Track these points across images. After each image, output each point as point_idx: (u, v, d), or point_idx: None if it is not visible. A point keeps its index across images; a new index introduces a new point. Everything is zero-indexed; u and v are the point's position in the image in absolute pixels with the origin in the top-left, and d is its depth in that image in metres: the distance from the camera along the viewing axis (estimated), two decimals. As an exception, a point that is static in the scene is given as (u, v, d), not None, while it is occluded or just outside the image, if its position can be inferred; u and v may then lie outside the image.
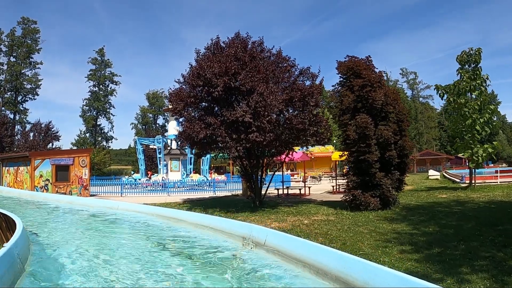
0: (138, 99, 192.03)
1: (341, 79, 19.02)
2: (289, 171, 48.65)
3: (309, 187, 28.58)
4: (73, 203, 11.90)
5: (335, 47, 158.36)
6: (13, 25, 76.42)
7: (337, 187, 28.40)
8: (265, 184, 21.31)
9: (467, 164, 29.77)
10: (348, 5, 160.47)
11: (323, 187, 35.49)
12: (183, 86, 19.14)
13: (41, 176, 26.67)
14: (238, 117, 16.12)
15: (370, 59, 18.99)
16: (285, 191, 27.07)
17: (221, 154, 20.60)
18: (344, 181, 18.84)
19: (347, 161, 18.28)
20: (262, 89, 16.63)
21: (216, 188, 31.23)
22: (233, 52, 17.67)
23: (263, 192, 20.77)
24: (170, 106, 43.15)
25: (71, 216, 10.29)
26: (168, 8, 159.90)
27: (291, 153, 21.06)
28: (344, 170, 21.38)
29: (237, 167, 69.05)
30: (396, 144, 17.72)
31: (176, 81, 19.27)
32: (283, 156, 21.20)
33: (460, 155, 44.22)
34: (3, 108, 67.78)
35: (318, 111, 20.84)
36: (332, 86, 19.81)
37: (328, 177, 50.28)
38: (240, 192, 29.46)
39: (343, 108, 18.06)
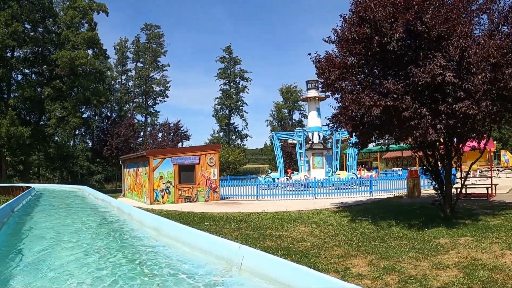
0: (269, 100, 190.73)
1: None
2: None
3: (495, 185, 21.48)
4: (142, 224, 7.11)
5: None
6: (137, 32, 79.24)
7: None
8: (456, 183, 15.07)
9: None
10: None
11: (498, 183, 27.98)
12: (334, 50, 13.68)
13: (161, 177, 23.16)
14: (435, 76, 10.14)
15: None
16: (462, 191, 20.54)
17: (392, 143, 14.54)
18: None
19: None
20: (468, 29, 10.58)
21: (368, 189, 25.35)
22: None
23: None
24: (311, 95, 39.18)
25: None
26: (289, 7, 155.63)
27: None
28: None
29: (383, 160, 62.52)
30: None
31: (325, 40, 13.78)
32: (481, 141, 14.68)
33: None
34: (134, 112, 69.83)
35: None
36: None
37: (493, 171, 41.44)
38: (403, 192, 23.77)
39: None
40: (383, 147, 16.37)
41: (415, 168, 33.66)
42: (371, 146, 16.64)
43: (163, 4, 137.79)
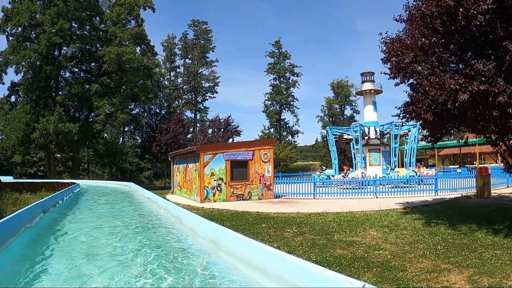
0: (318, 96, 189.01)
1: None
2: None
3: None
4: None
5: None
6: (184, 29, 79.68)
7: None
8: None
9: None
10: None
11: None
12: (405, 30, 12.36)
13: (212, 174, 22.32)
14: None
15: None
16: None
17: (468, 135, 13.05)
18: None
19: None
20: None
21: (430, 188, 23.72)
22: None
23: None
24: (367, 88, 37.23)
25: None
26: (335, 1, 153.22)
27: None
28: None
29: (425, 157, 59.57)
30: None
31: (395, 20, 12.52)
32: None
33: None
34: (183, 108, 69.80)
35: None
36: None
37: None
38: (470, 192, 22.17)
39: None
40: (460, 141, 14.88)
41: (476, 165, 31.68)
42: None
43: (209, 0, 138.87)
